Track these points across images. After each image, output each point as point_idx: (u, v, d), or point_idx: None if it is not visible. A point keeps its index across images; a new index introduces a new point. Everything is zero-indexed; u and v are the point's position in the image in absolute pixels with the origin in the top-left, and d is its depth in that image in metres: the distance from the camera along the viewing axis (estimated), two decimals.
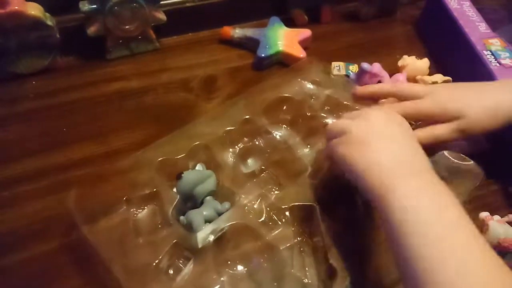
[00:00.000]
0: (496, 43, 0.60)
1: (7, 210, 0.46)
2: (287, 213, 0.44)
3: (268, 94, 0.55)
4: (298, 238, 0.43)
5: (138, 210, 0.45)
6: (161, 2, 0.62)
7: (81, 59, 0.64)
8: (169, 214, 0.42)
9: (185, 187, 0.43)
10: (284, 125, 0.53)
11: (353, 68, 0.64)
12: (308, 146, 0.51)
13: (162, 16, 0.63)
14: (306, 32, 0.68)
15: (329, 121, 0.54)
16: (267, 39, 0.65)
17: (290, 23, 0.70)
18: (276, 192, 0.46)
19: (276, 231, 0.43)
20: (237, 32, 0.68)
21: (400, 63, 0.63)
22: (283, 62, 0.66)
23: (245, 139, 0.51)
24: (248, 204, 0.44)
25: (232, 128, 0.50)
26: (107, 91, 0.60)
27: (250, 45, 0.67)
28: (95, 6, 0.58)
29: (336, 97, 0.55)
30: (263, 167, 0.49)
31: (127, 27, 0.61)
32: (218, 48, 0.68)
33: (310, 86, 0.57)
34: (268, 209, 0.44)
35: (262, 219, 0.43)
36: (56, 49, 0.60)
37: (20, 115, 0.56)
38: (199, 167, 0.47)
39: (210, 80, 0.63)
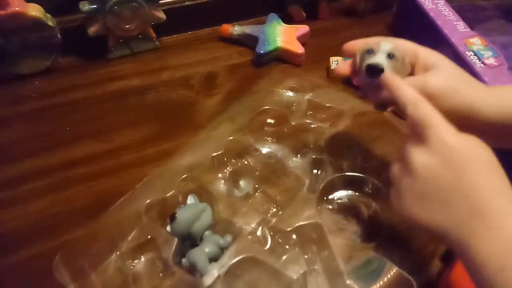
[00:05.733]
0: (477, 42, 0.58)
1: (11, 209, 0.47)
2: (293, 236, 0.42)
3: (249, 109, 0.53)
4: (308, 257, 0.41)
5: (135, 261, 0.41)
6: (161, 1, 0.62)
7: (82, 59, 0.64)
8: (169, 261, 0.39)
9: (181, 227, 0.39)
10: (270, 138, 0.51)
11: None
12: (298, 156, 0.49)
13: (161, 15, 0.64)
14: (304, 28, 0.68)
15: (314, 125, 0.53)
16: (265, 36, 0.66)
17: (288, 19, 0.71)
18: (274, 210, 0.44)
19: (284, 256, 0.40)
20: (236, 29, 0.68)
21: None
22: (282, 58, 0.66)
23: (233, 160, 0.49)
24: (251, 233, 0.41)
25: (219, 153, 0.48)
26: (109, 90, 0.60)
27: (249, 42, 0.67)
28: (95, 6, 0.58)
29: (317, 100, 0.54)
30: (256, 186, 0.47)
31: (127, 26, 0.62)
32: (217, 45, 0.69)
33: (289, 93, 0.56)
34: (272, 233, 0.42)
35: (268, 246, 0.41)
36: (57, 50, 0.61)
37: (22, 115, 0.56)
38: (190, 199, 0.43)
39: (210, 77, 0.63)
